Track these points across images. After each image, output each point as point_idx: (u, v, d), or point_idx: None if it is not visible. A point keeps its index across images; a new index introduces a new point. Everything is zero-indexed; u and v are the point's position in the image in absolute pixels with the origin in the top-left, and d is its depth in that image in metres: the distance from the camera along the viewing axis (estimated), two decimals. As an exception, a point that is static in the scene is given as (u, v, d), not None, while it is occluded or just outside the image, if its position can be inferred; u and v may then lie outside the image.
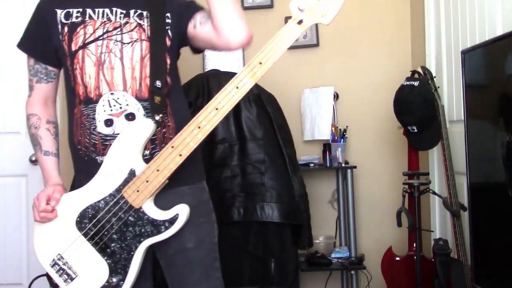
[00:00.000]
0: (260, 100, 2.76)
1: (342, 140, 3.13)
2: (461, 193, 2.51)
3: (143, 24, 1.55)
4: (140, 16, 1.55)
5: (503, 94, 1.87)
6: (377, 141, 3.33)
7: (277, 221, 2.64)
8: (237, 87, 1.41)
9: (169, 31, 1.57)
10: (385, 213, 3.21)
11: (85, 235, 1.50)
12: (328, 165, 3.12)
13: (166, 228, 1.47)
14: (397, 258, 2.78)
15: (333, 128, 3.17)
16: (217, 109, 1.41)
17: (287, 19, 3.35)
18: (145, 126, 1.48)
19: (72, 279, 1.52)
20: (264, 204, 2.64)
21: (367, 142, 3.33)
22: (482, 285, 2.00)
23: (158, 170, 1.44)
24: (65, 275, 1.53)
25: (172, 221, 1.47)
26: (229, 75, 2.68)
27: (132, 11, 1.55)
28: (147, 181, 1.45)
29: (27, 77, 1.64)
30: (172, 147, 1.44)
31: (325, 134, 3.16)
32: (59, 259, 1.53)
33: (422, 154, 2.99)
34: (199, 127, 1.42)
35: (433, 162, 2.98)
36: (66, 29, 1.53)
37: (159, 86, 1.52)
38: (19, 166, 3.02)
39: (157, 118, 1.49)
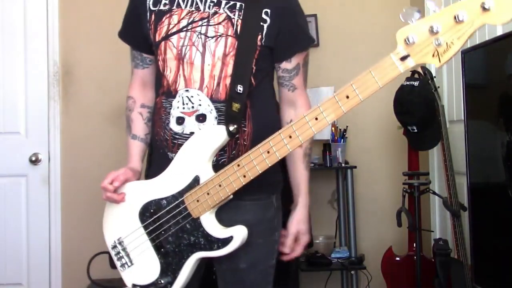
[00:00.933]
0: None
1: (342, 140, 3.13)
2: (461, 193, 2.51)
3: (233, 18, 1.42)
4: (232, 7, 1.43)
5: (503, 94, 1.87)
6: (377, 141, 3.33)
7: (277, 221, 2.63)
8: (317, 119, 1.23)
9: (264, 30, 1.43)
10: (385, 213, 3.21)
11: (145, 228, 1.47)
12: (328, 165, 3.12)
13: (219, 248, 1.39)
14: (397, 258, 2.78)
15: (333, 128, 3.16)
16: (290, 137, 1.26)
17: (287, 19, 3.37)
18: (217, 135, 1.39)
19: (128, 266, 1.50)
20: (264, 204, 2.63)
21: (367, 142, 3.33)
22: (482, 285, 2.00)
23: (220, 186, 1.35)
24: (122, 260, 1.51)
25: (225, 241, 1.38)
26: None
27: (224, 1, 1.43)
28: (208, 194, 1.37)
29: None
30: (238, 165, 1.33)
31: (325, 134, 3.16)
32: (119, 243, 1.51)
33: (422, 154, 2.99)
34: (268, 152, 1.28)
35: (433, 162, 2.98)
36: (153, 17, 1.46)
37: (240, 92, 1.40)
38: (19, 166, 3.02)
39: (231, 128, 1.38)
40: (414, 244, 2.62)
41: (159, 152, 1.52)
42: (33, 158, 2.99)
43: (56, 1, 3.13)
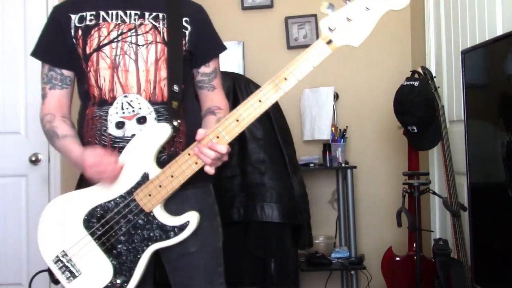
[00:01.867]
0: (260, 100, 2.75)
1: (342, 140, 3.13)
2: (461, 193, 2.51)
3: (159, 26, 1.54)
4: (156, 18, 1.54)
5: (503, 94, 1.87)
6: (377, 141, 3.34)
7: (277, 221, 2.64)
8: (260, 101, 1.37)
9: (186, 36, 1.57)
10: (385, 213, 3.21)
11: (92, 234, 1.50)
12: (328, 165, 3.12)
13: (175, 234, 1.46)
14: (397, 258, 2.78)
15: (333, 128, 3.17)
16: (237, 120, 1.38)
17: (287, 19, 3.38)
18: (162, 131, 1.46)
19: (74, 276, 1.52)
20: (264, 204, 2.64)
21: (367, 142, 3.33)
22: (482, 285, 2.00)
23: (172, 176, 1.43)
24: (67, 272, 1.52)
25: (182, 227, 1.46)
26: (228, 75, 2.70)
27: (147, 13, 1.54)
28: (160, 186, 1.44)
29: (40, 88, 1.63)
30: (189, 154, 1.42)
31: (325, 134, 3.16)
32: (63, 256, 1.53)
33: (422, 154, 2.99)
34: (217, 137, 1.39)
35: (433, 162, 2.98)
36: (80, 32, 1.53)
37: (177, 91, 1.51)
38: (19, 166, 3.02)
39: (175, 123, 1.48)
40: (414, 244, 2.62)
41: None
42: (33, 158, 2.99)
43: (56, 1, 3.12)
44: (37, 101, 3.09)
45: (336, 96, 3.26)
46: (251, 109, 1.37)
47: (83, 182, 1.58)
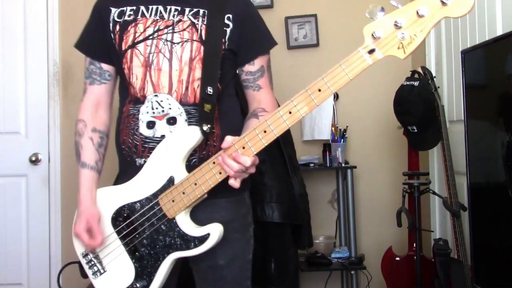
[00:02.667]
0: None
1: (342, 140, 3.13)
2: (461, 193, 2.51)
3: (197, 24, 1.47)
4: (196, 14, 1.48)
5: (503, 94, 1.87)
6: (377, 141, 3.33)
7: (277, 221, 2.63)
8: (290, 112, 1.27)
9: (227, 34, 1.49)
10: (385, 213, 3.21)
11: (118, 233, 1.48)
12: (328, 165, 3.12)
13: (196, 246, 1.40)
14: (397, 258, 2.78)
15: (333, 128, 3.16)
16: (265, 131, 1.29)
17: (287, 19, 3.38)
18: (191, 135, 1.41)
19: (100, 273, 1.50)
20: (264, 204, 2.64)
21: (367, 142, 3.33)
22: (482, 285, 2.00)
23: (195, 184, 1.37)
24: (94, 268, 1.51)
25: (202, 239, 1.40)
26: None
27: (187, 9, 1.48)
28: (183, 193, 1.39)
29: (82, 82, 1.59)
30: (214, 163, 1.35)
31: (325, 134, 3.16)
32: (91, 251, 1.51)
33: (422, 154, 2.99)
34: (243, 148, 1.31)
35: (433, 162, 2.98)
36: (117, 27, 1.49)
37: (211, 93, 1.43)
38: (19, 166, 3.02)
39: (204, 128, 1.41)
40: (414, 244, 2.62)
41: (127, 161, 1.52)
42: (33, 158, 2.99)
43: (56, 1, 3.13)
44: (37, 101, 3.11)
45: (336, 96, 3.26)
46: (280, 120, 1.28)
47: (120, 177, 1.56)
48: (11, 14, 3.04)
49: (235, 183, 1.34)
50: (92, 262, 1.51)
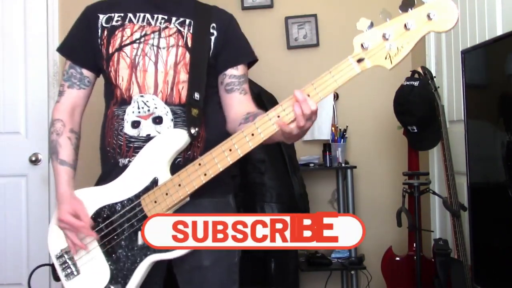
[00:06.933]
0: (260, 100, 2.76)
1: (342, 140, 3.13)
2: (461, 193, 2.51)
3: (183, 31, 1.52)
4: (182, 23, 1.53)
5: (503, 94, 1.87)
6: (377, 141, 3.33)
7: (277, 221, 2.64)
8: (279, 116, 1.28)
9: (212, 42, 1.54)
10: (385, 213, 3.21)
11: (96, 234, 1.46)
12: (328, 165, 3.12)
13: (174, 248, 1.36)
14: (397, 258, 2.79)
15: (333, 128, 3.17)
16: (253, 135, 1.29)
17: (287, 19, 3.38)
18: (179, 137, 1.42)
19: (73, 275, 1.49)
20: (264, 204, 2.64)
21: (367, 142, 3.33)
22: (482, 285, 2.00)
23: (179, 185, 1.36)
24: (68, 270, 1.50)
25: None
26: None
27: (174, 18, 1.53)
28: (166, 194, 1.38)
29: (59, 84, 1.61)
30: (199, 164, 1.34)
31: (325, 134, 3.16)
32: (66, 252, 1.50)
33: (422, 154, 2.99)
34: (230, 150, 1.31)
35: (433, 162, 2.98)
36: (105, 32, 1.53)
37: (197, 99, 1.47)
38: (19, 166, 3.02)
39: (192, 131, 1.43)
40: (414, 244, 2.62)
41: (110, 162, 1.52)
42: (33, 158, 2.99)
43: (56, 1, 3.12)
44: (37, 101, 3.11)
45: (336, 96, 3.26)
46: (269, 123, 1.28)
47: (102, 179, 1.56)
48: (11, 14, 3.04)
49: (295, 128, 1.28)
50: (66, 264, 1.49)
